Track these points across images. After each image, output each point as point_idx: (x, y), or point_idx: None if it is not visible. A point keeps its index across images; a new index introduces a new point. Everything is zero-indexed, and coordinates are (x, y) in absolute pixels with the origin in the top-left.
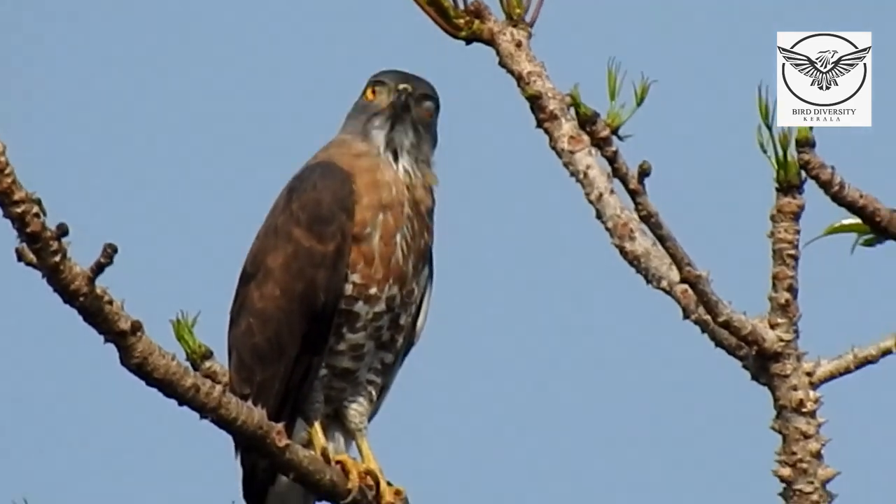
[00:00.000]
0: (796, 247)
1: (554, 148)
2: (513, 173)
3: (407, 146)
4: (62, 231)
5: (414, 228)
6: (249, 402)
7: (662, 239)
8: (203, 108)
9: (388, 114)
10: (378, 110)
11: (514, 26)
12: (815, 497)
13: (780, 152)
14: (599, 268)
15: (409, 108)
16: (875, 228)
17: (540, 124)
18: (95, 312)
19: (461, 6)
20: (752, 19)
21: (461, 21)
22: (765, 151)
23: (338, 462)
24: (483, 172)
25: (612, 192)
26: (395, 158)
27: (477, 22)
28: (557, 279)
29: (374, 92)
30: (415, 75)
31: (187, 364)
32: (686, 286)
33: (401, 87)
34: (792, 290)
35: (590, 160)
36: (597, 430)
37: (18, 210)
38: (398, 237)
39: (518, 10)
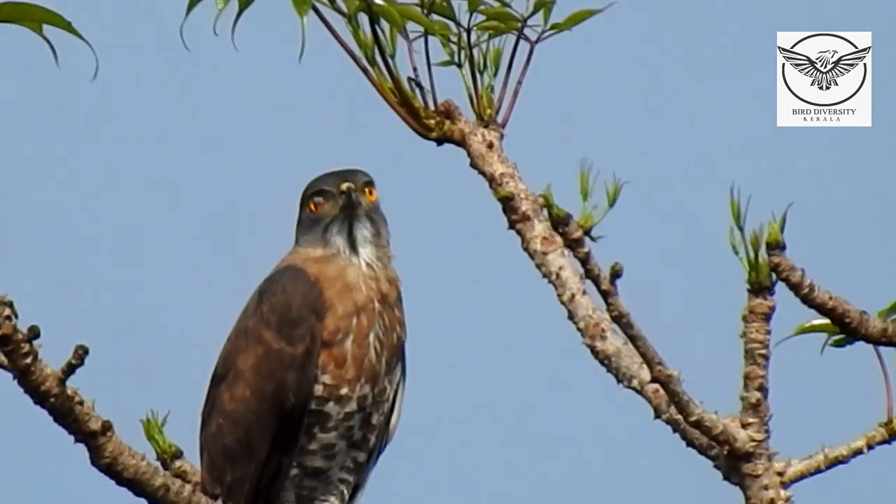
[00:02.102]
0: (767, 346)
1: (526, 249)
2: (484, 274)
3: (368, 237)
4: (34, 334)
5: (385, 324)
6: (219, 502)
7: (634, 339)
8: (172, 208)
9: (343, 216)
10: (330, 218)
11: (486, 127)
12: None
13: (752, 254)
14: (570, 367)
15: (361, 203)
16: (845, 329)
17: (512, 225)
18: (66, 413)
19: (431, 107)
20: (728, 112)
21: (432, 122)
22: (736, 253)
23: None
24: (454, 273)
25: (584, 292)
26: (356, 254)
27: (448, 123)
28: (528, 379)
29: (316, 205)
30: (346, 169)
31: (157, 463)
32: (657, 386)
33: (343, 186)
34: (763, 389)
35: (562, 261)
36: None
37: None
38: (371, 336)
39: (489, 111)
